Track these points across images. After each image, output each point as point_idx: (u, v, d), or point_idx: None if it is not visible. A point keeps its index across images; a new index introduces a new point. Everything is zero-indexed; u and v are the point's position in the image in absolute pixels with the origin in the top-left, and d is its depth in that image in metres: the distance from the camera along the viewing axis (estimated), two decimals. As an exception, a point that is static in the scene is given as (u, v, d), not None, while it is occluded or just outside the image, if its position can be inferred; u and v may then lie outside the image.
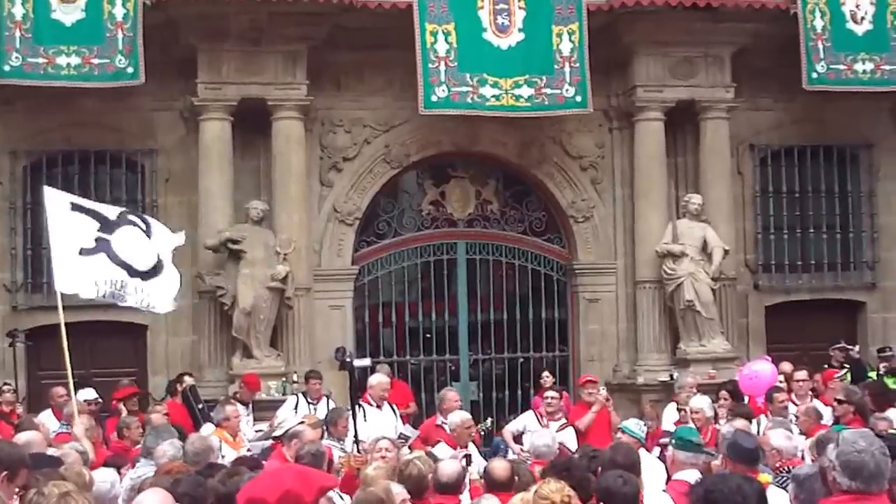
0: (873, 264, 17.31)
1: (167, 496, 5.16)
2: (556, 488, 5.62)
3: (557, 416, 12.23)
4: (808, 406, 11.35)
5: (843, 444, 4.78)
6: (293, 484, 4.25)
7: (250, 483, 4.77)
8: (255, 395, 13.69)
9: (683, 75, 15.86)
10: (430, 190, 16.59)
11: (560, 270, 16.64)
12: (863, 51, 15.75)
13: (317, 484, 4.40)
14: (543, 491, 5.62)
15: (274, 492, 4.20)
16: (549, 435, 9.35)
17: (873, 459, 4.71)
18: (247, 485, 4.80)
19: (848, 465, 4.71)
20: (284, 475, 4.42)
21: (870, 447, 4.75)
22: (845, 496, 4.73)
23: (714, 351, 15.37)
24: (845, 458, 4.72)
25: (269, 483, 4.32)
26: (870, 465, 4.69)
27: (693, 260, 15.37)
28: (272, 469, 5.63)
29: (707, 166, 15.99)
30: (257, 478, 4.99)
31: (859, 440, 4.80)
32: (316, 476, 4.62)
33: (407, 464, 7.35)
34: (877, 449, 4.76)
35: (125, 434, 10.92)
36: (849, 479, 4.70)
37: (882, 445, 4.84)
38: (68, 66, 14.19)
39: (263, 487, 4.29)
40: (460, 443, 10.49)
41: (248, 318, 14.44)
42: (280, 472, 4.68)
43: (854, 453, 4.71)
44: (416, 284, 16.56)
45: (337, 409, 11.70)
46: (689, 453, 7.30)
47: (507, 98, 14.90)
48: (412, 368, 16.24)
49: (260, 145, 15.34)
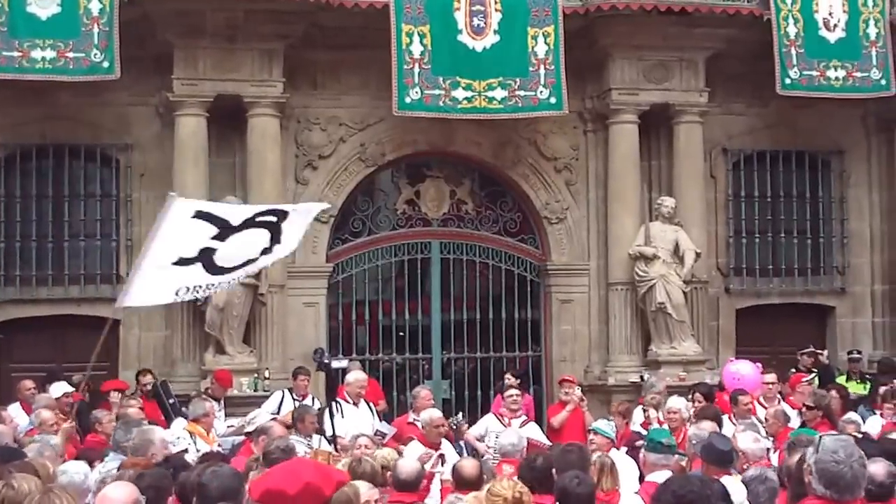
0: (843, 269, 17.46)
1: (132, 488, 5.17)
2: (508, 485, 5.73)
3: (519, 413, 12.29)
4: (776, 409, 11.48)
5: (822, 452, 4.81)
6: (313, 477, 4.28)
7: (265, 475, 4.79)
8: (227, 391, 13.68)
9: (658, 79, 15.96)
10: (405, 189, 16.63)
11: (533, 271, 16.71)
12: (835, 58, 15.89)
13: (335, 478, 4.43)
14: (496, 488, 5.72)
15: (294, 484, 4.21)
16: (515, 434, 9.41)
17: (851, 471, 4.75)
18: (261, 477, 4.82)
19: (825, 474, 4.75)
20: (303, 468, 4.44)
21: (849, 459, 4.78)
22: (819, 501, 4.78)
23: (685, 353, 15.47)
24: (823, 466, 4.77)
25: (288, 476, 4.31)
26: (846, 476, 4.74)
27: (665, 262, 15.47)
28: (287, 462, 5.63)
29: (680, 170, 16.10)
30: (272, 470, 4.99)
31: (840, 451, 4.82)
32: (333, 471, 4.64)
33: (359, 461, 7.39)
34: (855, 461, 4.79)
35: (98, 428, 10.92)
36: (824, 488, 4.75)
37: (861, 456, 4.86)
38: (43, 59, 14.16)
39: (282, 480, 4.28)
40: (430, 440, 10.54)
41: (222, 314, 14.45)
42: (298, 466, 4.70)
43: (832, 463, 4.76)
44: (390, 283, 16.61)
45: (304, 406, 11.73)
46: (659, 455, 7.44)
47: (479, 100, 14.95)
48: (385, 367, 16.28)
49: (235, 142, 15.35)
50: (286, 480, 4.28)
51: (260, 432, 9.47)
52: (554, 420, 12.68)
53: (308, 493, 4.23)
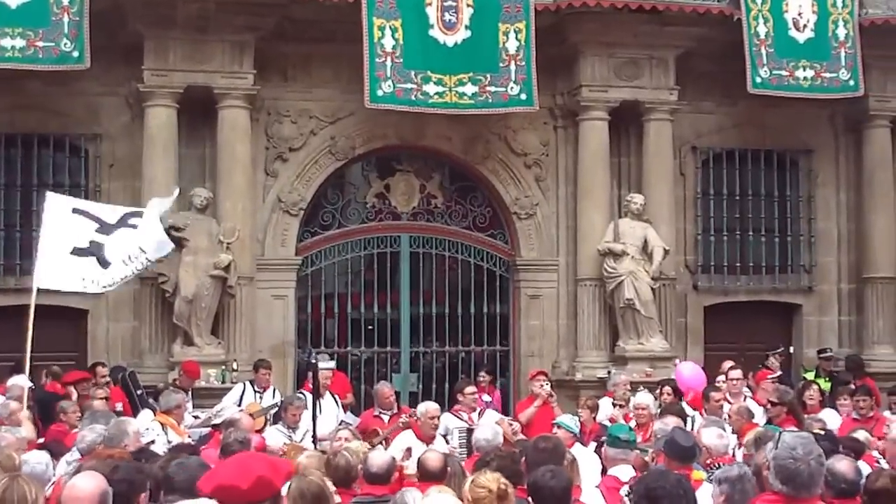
0: (810, 268, 17.60)
1: (101, 479, 5.16)
2: (492, 478, 5.71)
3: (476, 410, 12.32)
4: (741, 405, 11.54)
5: (781, 448, 4.87)
6: (264, 470, 4.28)
7: (214, 470, 4.77)
8: (194, 382, 13.68)
9: (628, 76, 16.04)
10: (374, 182, 16.64)
11: (503, 266, 16.76)
12: (804, 58, 16.02)
13: (284, 470, 4.46)
14: (480, 480, 5.71)
15: (246, 478, 4.23)
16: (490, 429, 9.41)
17: (808, 469, 4.81)
18: (211, 472, 4.79)
19: (782, 470, 4.81)
20: (253, 462, 4.44)
21: (807, 456, 4.84)
22: (775, 497, 4.84)
23: (652, 349, 15.56)
24: (781, 462, 4.82)
25: (239, 470, 4.32)
26: (803, 474, 4.80)
27: (634, 259, 15.55)
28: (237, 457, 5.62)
29: (650, 167, 16.19)
30: (221, 465, 4.99)
31: (798, 447, 4.87)
32: (282, 463, 4.67)
33: (335, 453, 7.41)
34: (813, 458, 4.84)
35: (62, 418, 10.92)
36: (781, 483, 4.81)
37: (819, 454, 4.92)
38: (13, 48, 14.10)
39: (233, 474, 4.29)
40: (424, 433, 10.56)
41: (190, 305, 14.44)
42: (248, 459, 4.70)
43: (790, 460, 4.81)
44: (359, 276, 16.62)
45: (289, 397, 11.81)
46: (618, 449, 7.52)
47: (450, 95, 14.99)
48: (353, 360, 16.30)
49: (205, 133, 15.32)
50: (238, 475, 4.31)
51: (228, 425, 9.47)
52: (521, 416, 12.70)
53: (260, 486, 4.26)
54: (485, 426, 9.88)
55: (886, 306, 17.09)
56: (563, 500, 5.94)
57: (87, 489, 5.00)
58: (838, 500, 6.06)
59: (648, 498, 5.20)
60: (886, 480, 6.87)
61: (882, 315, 17.06)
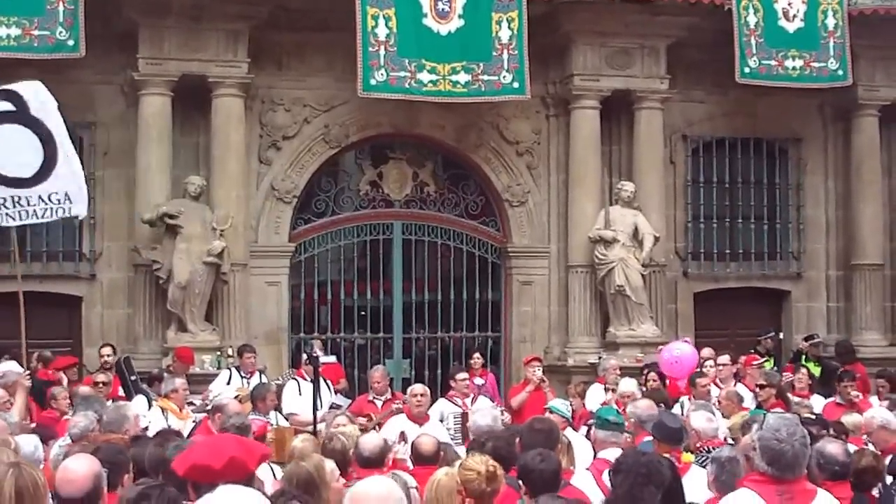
0: (799, 255, 17.76)
1: (93, 461, 5.17)
2: (481, 460, 5.80)
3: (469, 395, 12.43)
4: (730, 390, 11.70)
5: (765, 430, 4.94)
6: (237, 451, 4.32)
7: (189, 450, 4.81)
8: (188, 368, 13.76)
9: (619, 66, 16.15)
10: (368, 170, 16.73)
11: (494, 253, 16.88)
12: (793, 48, 16.13)
13: (258, 452, 4.51)
14: (469, 463, 5.79)
15: (219, 459, 4.26)
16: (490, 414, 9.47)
17: (792, 450, 4.87)
18: (185, 452, 4.82)
19: (767, 451, 4.88)
20: (226, 443, 4.48)
21: (790, 438, 4.91)
22: (761, 478, 4.91)
23: (643, 335, 15.70)
24: (766, 443, 4.89)
25: (212, 450, 4.37)
26: (787, 455, 4.86)
27: (624, 246, 15.67)
28: (211, 438, 5.67)
29: (640, 155, 16.30)
30: (195, 445, 5.01)
31: (782, 429, 4.94)
32: (255, 445, 4.73)
33: (331, 438, 7.49)
34: (797, 439, 4.92)
35: (53, 405, 10.94)
36: (766, 464, 4.88)
37: (804, 435, 5.00)
38: (8, 37, 14.13)
39: (207, 454, 4.34)
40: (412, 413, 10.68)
41: (184, 292, 14.53)
42: (221, 441, 4.75)
43: (774, 441, 4.88)
44: (352, 263, 16.75)
45: (264, 385, 11.86)
46: (608, 432, 7.58)
47: (444, 83, 15.07)
48: (346, 346, 16.41)
49: (199, 121, 15.39)
50: (211, 455, 4.35)
51: (216, 409, 9.57)
52: (514, 400, 12.83)
53: (233, 467, 4.29)
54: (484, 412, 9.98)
55: (874, 292, 17.27)
56: (553, 483, 5.97)
57: (79, 471, 5.01)
58: (831, 482, 6.18)
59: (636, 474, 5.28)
60: (870, 459, 7.09)
61: (870, 301, 17.24)
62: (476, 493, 5.73)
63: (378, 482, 4.15)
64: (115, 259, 15.31)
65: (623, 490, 5.35)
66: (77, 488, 4.93)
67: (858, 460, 6.98)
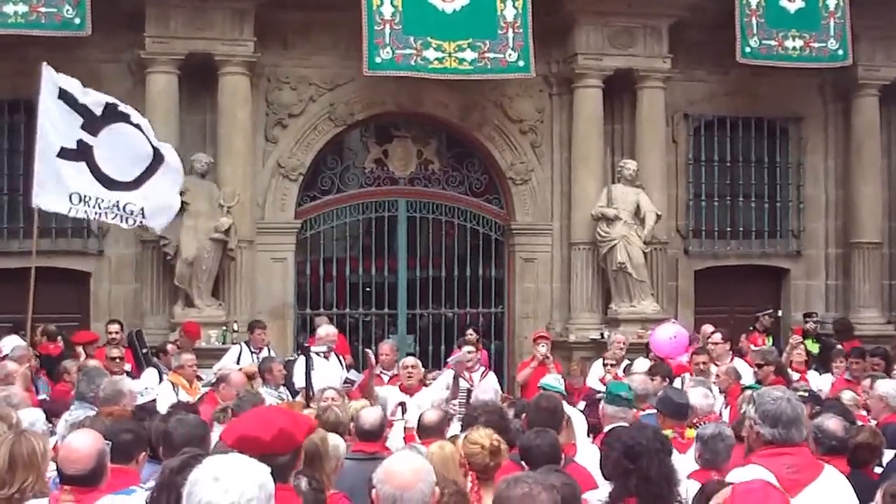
0: (798, 233, 17.88)
1: (97, 436, 5.23)
2: (485, 434, 5.95)
3: (476, 368, 12.58)
4: (728, 366, 11.83)
5: (759, 399, 5.11)
6: (286, 423, 4.31)
7: (238, 421, 4.81)
8: (195, 343, 13.93)
9: (622, 45, 16.24)
10: (373, 148, 16.87)
11: (498, 230, 17.03)
12: (794, 28, 16.19)
13: (306, 424, 4.51)
14: (473, 436, 5.95)
15: (268, 430, 4.24)
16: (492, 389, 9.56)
17: (790, 405, 5.02)
18: (234, 423, 4.85)
19: (767, 415, 5.00)
20: (275, 415, 4.47)
21: (784, 395, 5.12)
22: (769, 448, 5.01)
23: (644, 312, 15.85)
24: (763, 408, 5.03)
25: (261, 422, 4.33)
26: (787, 410, 5.00)
27: (626, 224, 15.80)
28: (259, 409, 5.62)
29: (642, 134, 16.42)
30: (243, 416, 5.01)
31: (773, 391, 5.16)
32: (303, 418, 4.74)
33: (325, 410, 7.62)
34: (791, 396, 5.12)
35: (66, 378, 11.07)
36: (770, 427, 4.99)
37: (796, 398, 5.18)
38: (15, 14, 14.22)
39: (256, 426, 4.30)
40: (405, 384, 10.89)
41: (191, 268, 14.70)
42: (270, 412, 4.75)
43: (770, 402, 5.03)
44: (357, 240, 16.90)
45: (270, 357, 12.02)
46: (617, 407, 7.52)
47: (450, 61, 15.17)
48: (351, 322, 16.59)
49: (206, 100, 15.50)
50: (260, 427, 4.28)
51: (220, 381, 9.71)
52: (519, 376, 12.99)
53: (282, 438, 4.24)
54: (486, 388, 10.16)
55: (872, 271, 17.41)
56: (553, 455, 6.05)
57: (83, 446, 5.08)
58: (828, 457, 6.21)
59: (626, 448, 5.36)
60: (866, 434, 7.21)
61: (868, 279, 17.38)
62: (479, 467, 5.88)
63: (410, 456, 4.21)
64: (122, 235, 15.41)
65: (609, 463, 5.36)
66: (80, 467, 5.02)
67: (856, 435, 7.10)
